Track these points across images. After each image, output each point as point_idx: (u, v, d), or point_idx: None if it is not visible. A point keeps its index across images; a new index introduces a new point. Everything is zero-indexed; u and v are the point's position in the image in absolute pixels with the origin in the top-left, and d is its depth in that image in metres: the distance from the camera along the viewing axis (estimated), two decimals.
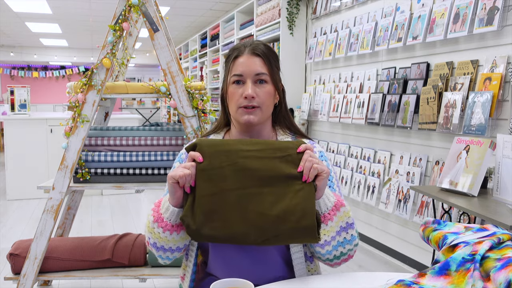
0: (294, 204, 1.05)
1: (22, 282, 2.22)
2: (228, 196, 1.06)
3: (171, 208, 1.09)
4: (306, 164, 1.07)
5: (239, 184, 1.07)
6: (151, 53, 11.60)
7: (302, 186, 1.07)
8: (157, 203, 1.16)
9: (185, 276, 1.25)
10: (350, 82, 3.75)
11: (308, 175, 1.06)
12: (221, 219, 1.05)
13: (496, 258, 0.86)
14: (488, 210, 1.85)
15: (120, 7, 2.19)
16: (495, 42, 2.41)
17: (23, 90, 5.15)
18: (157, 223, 1.11)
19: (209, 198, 1.06)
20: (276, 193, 1.07)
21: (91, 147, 2.37)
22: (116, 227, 4.09)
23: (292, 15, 4.46)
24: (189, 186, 1.07)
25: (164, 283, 2.86)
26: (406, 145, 3.12)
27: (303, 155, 1.09)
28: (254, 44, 1.25)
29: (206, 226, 1.05)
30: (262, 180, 1.07)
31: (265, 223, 1.04)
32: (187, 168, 1.06)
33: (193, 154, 1.08)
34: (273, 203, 1.06)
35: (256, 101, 1.20)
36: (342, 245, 1.12)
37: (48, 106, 12.43)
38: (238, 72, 1.21)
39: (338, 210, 1.11)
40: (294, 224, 1.04)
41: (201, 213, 1.05)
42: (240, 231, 1.04)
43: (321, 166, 1.07)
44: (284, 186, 1.07)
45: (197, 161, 1.07)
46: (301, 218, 1.04)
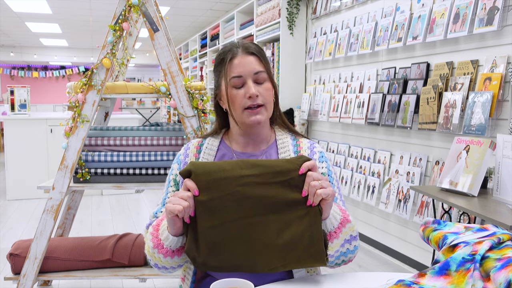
0: (300, 231, 1.02)
1: (22, 282, 2.22)
2: (231, 227, 1.02)
3: (171, 237, 1.07)
4: (310, 189, 1.03)
5: (241, 214, 1.03)
6: (151, 53, 11.60)
7: (307, 210, 1.03)
8: (155, 227, 1.13)
9: (185, 277, 1.25)
10: (350, 82, 3.75)
11: (313, 200, 1.03)
12: (226, 251, 1.02)
13: (496, 258, 0.86)
14: (488, 210, 1.85)
15: (120, 7, 2.19)
16: (495, 42, 2.41)
17: (23, 90, 5.15)
18: (157, 249, 1.09)
19: (211, 230, 1.02)
20: (281, 221, 1.03)
21: (91, 147, 2.37)
22: (116, 227, 4.09)
23: (292, 15, 4.46)
24: (189, 217, 1.04)
25: (164, 283, 2.86)
26: (406, 145, 3.12)
27: (305, 177, 1.04)
28: (245, 44, 1.23)
29: (212, 258, 1.02)
30: (265, 208, 1.03)
31: (272, 253, 1.02)
32: (185, 199, 1.02)
33: (189, 185, 1.03)
34: (279, 232, 1.03)
35: (260, 100, 1.19)
36: (344, 255, 1.13)
37: (48, 106, 12.44)
38: (236, 74, 1.19)
39: (344, 226, 1.10)
40: (302, 252, 1.02)
41: (205, 246, 1.02)
42: (247, 262, 1.02)
43: (326, 190, 1.02)
44: (288, 212, 1.03)
45: (193, 194, 1.03)
46: (308, 246, 1.02)
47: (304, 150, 1.26)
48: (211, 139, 1.30)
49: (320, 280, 1.10)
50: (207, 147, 1.27)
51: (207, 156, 1.25)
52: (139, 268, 2.38)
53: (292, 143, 1.27)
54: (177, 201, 1.02)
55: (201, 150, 1.27)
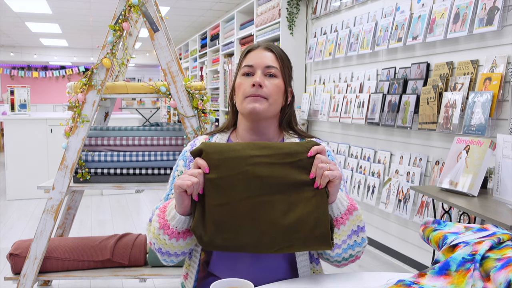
0: (307, 212, 1.02)
1: (22, 282, 2.22)
2: (238, 205, 1.03)
3: (178, 216, 1.07)
4: (317, 170, 1.03)
5: (249, 193, 1.03)
6: (151, 53, 11.60)
7: (314, 192, 1.04)
8: (162, 209, 1.12)
9: (188, 275, 1.24)
10: (350, 82, 3.75)
11: (320, 182, 1.03)
12: (232, 230, 1.02)
13: (496, 258, 0.86)
14: (488, 210, 1.85)
15: (120, 7, 2.19)
16: (495, 42, 2.41)
17: (23, 90, 5.15)
18: (163, 230, 1.09)
19: (219, 208, 1.03)
20: (288, 201, 1.03)
21: (91, 147, 2.37)
22: (116, 227, 4.09)
23: (292, 15, 4.46)
24: (197, 194, 1.04)
25: (164, 283, 2.86)
26: (406, 145, 3.12)
27: (314, 160, 1.05)
28: (269, 43, 1.27)
29: (218, 237, 1.02)
30: (272, 188, 1.04)
31: (277, 232, 1.02)
32: (195, 176, 1.02)
33: (200, 163, 1.04)
34: (285, 212, 1.03)
35: (263, 91, 1.18)
36: (352, 248, 1.11)
37: (48, 106, 12.44)
38: (250, 63, 1.21)
39: (351, 214, 1.09)
40: (307, 233, 1.02)
41: (212, 224, 1.02)
42: (252, 241, 1.02)
43: (333, 172, 1.03)
44: (295, 193, 1.04)
45: (203, 171, 1.04)
46: (314, 227, 1.02)
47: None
48: (218, 137, 1.29)
49: (320, 280, 1.10)
50: None
51: None
52: (139, 268, 2.38)
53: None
54: (187, 178, 1.02)
55: None
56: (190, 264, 1.23)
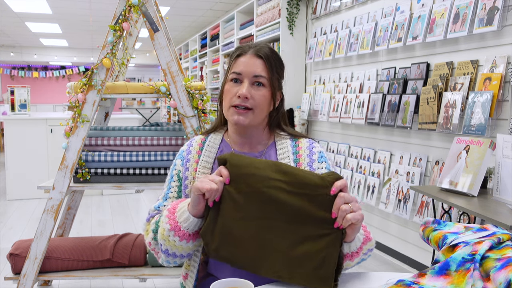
0: (316, 250, 1.00)
1: (22, 282, 2.22)
2: (249, 224, 1.03)
3: (191, 218, 1.07)
4: (340, 212, 0.99)
5: (262, 215, 1.03)
6: (151, 53, 11.60)
7: (330, 231, 1.01)
8: (171, 210, 1.12)
9: (188, 275, 1.24)
10: (350, 82, 3.75)
11: (341, 223, 1.00)
12: (239, 246, 1.02)
13: (496, 258, 0.86)
14: (488, 210, 1.85)
15: (120, 7, 2.19)
16: (495, 42, 2.41)
17: (23, 90, 5.15)
18: (174, 232, 1.09)
19: (230, 222, 1.03)
20: (299, 234, 1.01)
21: (91, 147, 2.37)
22: (116, 227, 4.09)
23: (292, 15, 4.46)
24: (213, 201, 1.04)
25: (164, 283, 2.86)
26: (406, 145, 3.13)
27: (336, 198, 1.00)
28: (259, 46, 1.24)
29: (224, 248, 1.03)
30: (286, 216, 1.02)
31: (281, 261, 1.01)
32: (215, 182, 1.03)
33: (224, 172, 1.05)
34: (295, 244, 1.01)
35: (249, 103, 1.18)
36: (359, 263, 1.15)
37: (48, 106, 12.44)
38: (237, 70, 1.20)
39: (365, 244, 1.11)
40: (310, 271, 1.00)
41: (221, 235, 1.03)
42: (255, 262, 1.02)
43: (356, 215, 0.98)
44: (310, 227, 1.01)
45: (224, 181, 1.04)
46: (319, 267, 1.00)
47: (303, 151, 1.25)
48: (213, 137, 1.30)
49: None
50: (209, 145, 1.28)
51: (208, 154, 1.26)
52: (139, 268, 2.38)
53: (291, 144, 1.27)
54: (207, 182, 1.02)
55: (203, 147, 1.27)
56: (190, 264, 1.23)
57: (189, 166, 1.24)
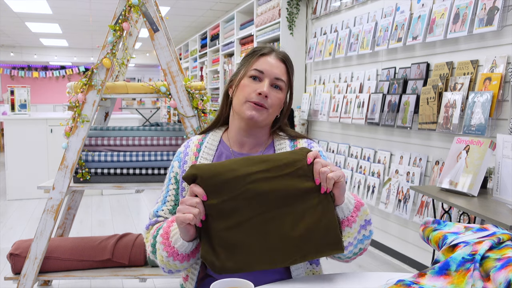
0: (315, 220, 1.02)
1: (22, 282, 2.22)
2: (246, 226, 1.02)
3: (186, 244, 1.07)
4: (321, 176, 1.03)
5: (254, 212, 1.02)
6: (151, 53, 11.60)
7: (319, 199, 1.03)
8: (165, 235, 1.11)
9: (188, 277, 1.24)
10: (350, 82, 3.75)
11: (327, 186, 1.03)
12: (243, 251, 1.01)
13: (496, 258, 0.86)
14: (488, 210, 1.85)
15: (120, 7, 2.19)
16: (495, 42, 2.41)
17: (23, 90, 5.15)
18: (173, 257, 1.09)
19: (226, 232, 1.02)
20: (295, 213, 1.03)
21: (91, 147, 2.37)
22: (116, 227, 4.09)
23: (292, 15, 4.46)
24: (200, 221, 1.03)
25: (164, 283, 2.86)
26: (406, 145, 3.13)
27: (313, 166, 1.04)
28: (281, 50, 1.27)
29: (230, 261, 1.01)
30: (277, 202, 1.03)
31: (289, 245, 1.01)
32: (193, 205, 1.01)
33: (197, 191, 1.03)
34: (294, 224, 1.02)
35: (267, 102, 1.19)
36: (361, 242, 1.14)
37: (48, 106, 12.44)
38: (261, 68, 1.21)
39: (359, 210, 1.11)
40: (319, 241, 1.02)
41: (222, 249, 1.01)
42: (265, 258, 1.02)
43: (337, 173, 1.03)
44: (301, 203, 1.03)
45: (201, 199, 1.02)
46: (325, 234, 1.02)
47: None
48: (211, 138, 1.29)
49: (320, 280, 1.10)
50: (207, 146, 1.27)
51: (206, 155, 1.25)
52: (139, 268, 2.38)
53: (290, 145, 1.28)
54: (187, 210, 1.01)
55: (201, 149, 1.27)
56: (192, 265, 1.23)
57: (186, 168, 1.23)
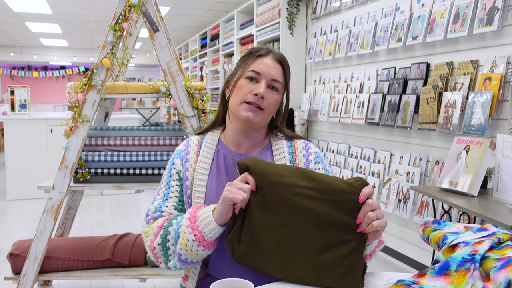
0: (342, 255, 1.01)
1: (22, 282, 2.22)
2: (275, 232, 1.03)
3: (218, 228, 1.06)
4: (365, 219, 0.99)
5: (288, 222, 1.03)
6: (151, 53, 11.60)
7: (353, 236, 1.01)
8: (192, 219, 1.09)
9: (188, 276, 1.24)
10: (350, 82, 3.75)
11: (366, 229, 1.00)
12: (265, 253, 1.03)
13: (496, 258, 0.86)
14: (488, 210, 1.85)
15: (120, 7, 2.19)
16: (495, 42, 2.41)
17: (23, 90, 5.15)
18: (198, 242, 1.08)
19: (257, 230, 1.04)
20: (325, 240, 1.02)
21: (91, 147, 2.37)
22: (116, 227, 4.09)
23: (292, 15, 4.46)
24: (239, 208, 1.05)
25: (164, 283, 2.86)
26: (406, 145, 3.12)
27: (363, 206, 1.00)
28: (278, 52, 1.27)
29: (249, 255, 1.04)
30: (312, 223, 1.02)
31: (308, 268, 1.01)
32: (244, 190, 1.03)
33: (249, 179, 1.05)
34: (321, 250, 1.02)
35: (263, 103, 1.20)
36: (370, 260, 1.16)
37: (48, 106, 12.43)
38: (257, 69, 1.21)
39: (378, 247, 1.14)
40: (338, 277, 1.00)
41: (247, 242, 1.04)
42: (281, 270, 1.02)
43: (381, 223, 0.99)
44: (334, 233, 1.02)
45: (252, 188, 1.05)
46: (347, 272, 1.00)
47: (299, 151, 1.27)
48: (209, 137, 1.30)
49: None
50: (206, 145, 1.28)
51: (206, 155, 1.26)
52: (139, 268, 2.38)
53: (287, 145, 1.29)
54: (237, 191, 1.02)
55: (201, 148, 1.27)
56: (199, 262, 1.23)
57: (189, 167, 1.24)
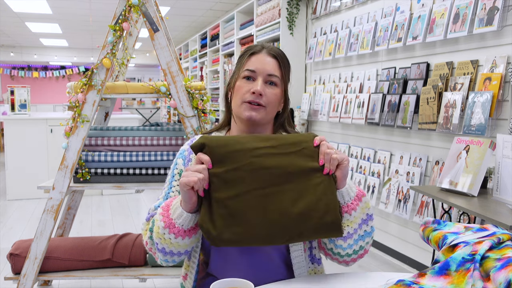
0: (316, 199, 1.02)
1: (22, 282, 2.22)
2: (246, 198, 1.02)
3: (185, 214, 1.05)
4: (325, 156, 1.05)
5: (256, 185, 1.03)
6: (151, 53, 11.60)
7: (321, 179, 1.04)
8: (165, 207, 1.11)
9: (187, 275, 1.24)
10: (350, 82, 3.75)
11: (330, 167, 1.05)
12: (241, 223, 1.01)
13: (496, 258, 0.86)
14: (488, 210, 1.85)
15: (120, 7, 2.19)
16: (495, 42, 2.41)
17: (23, 90, 5.15)
18: (168, 229, 1.07)
19: (227, 202, 1.02)
20: (296, 190, 1.04)
21: (91, 147, 2.37)
22: (116, 227, 4.09)
23: (292, 15, 4.46)
24: (203, 190, 1.03)
25: (164, 283, 2.86)
26: (406, 145, 3.13)
27: (319, 148, 1.07)
28: (271, 47, 1.26)
29: (227, 231, 1.01)
30: (280, 178, 1.04)
31: (288, 222, 1.01)
32: (199, 171, 1.02)
33: (203, 158, 1.04)
34: (294, 201, 1.03)
35: (262, 100, 1.19)
36: (362, 239, 1.12)
37: (48, 106, 12.43)
38: (252, 67, 1.21)
39: (360, 200, 1.10)
40: (318, 220, 1.02)
41: (220, 218, 1.01)
42: (262, 232, 1.01)
43: (341, 155, 1.05)
44: (303, 181, 1.04)
45: (207, 167, 1.03)
46: (324, 214, 1.02)
47: None
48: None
49: (320, 280, 1.10)
50: None
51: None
52: (139, 268, 2.38)
53: None
54: (192, 174, 1.01)
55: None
56: (189, 265, 1.23)
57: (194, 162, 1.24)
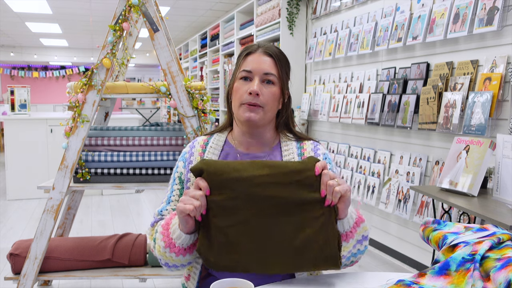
0: (315, 232, 1.01)
1: (22, 282, 2.22)
2: (245, 228, 1.02)
3: (183, 236, 1.06)
4: (328, 188, 1.02)
5: (255, 215, 1.02)
6: (151, 53, 11.60)
7: (322, 211, 1.02)
8: (165, 226, 1.11)
9: (190, 276, 1.24)
10: (350, 82, 3.75)
11: (332, 199, 1.01)
12: (240, 251, 1.01)
13: (496, 258, 0.86)
14: (488, 210, 1.85)
15: (120, 7, 2.19)
16: (495, 42, 2.41)
17: (23, 90, 5.15)
18: (169, 249, 1.08)
19: (225, 230, 1.02)
20: (296, 222, 1.02)
21: (91, 147, 2.37)
22: (116, 227, 4.09)
23: (292, 15, 4.46)
24: (200, 215, 1.03)
25: (164, 283, 2.86)
26: (406, 145, 3.13)
27: (321, 178, 1.03)
28: (267, 45, 1.25)
29: (225, 258, 1.01)
30: (279, 209, 1.02)
31: (286, 254, 1.01)
32: (196, 198, 1.01)
33: (201, 184, 1.03)
34: (294, 233, 1.01)
35: (260, 100, 1.18)
36: (354, 256, 1.13)
37: (48, 106, 12.43)
38: (248, 68, 1.20)
39: (359, 226, 1.10)
40: (316, 254, 1.01)
41: (218, 245, 1.01)
42: (260, 262, 1.01)
43: (343, 187, 1.02)
44: (303, 212, 1.02)
45: (205, 193, 1.03)
46: (323, 247, 1.01)
47: (308, 152, 1.26)
48: (216, 138, 1.29)
49: (320, 280, 1.10)
50: (212, 146, 1.27)
51: (211, 155, 1.25)
52: (139, 268, 2.38)
53: (296, 146, 1.27)
54: (189, 201, 1.01)
55: (206, 149, 1.27)
56: (193, 265, 1.23)
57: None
